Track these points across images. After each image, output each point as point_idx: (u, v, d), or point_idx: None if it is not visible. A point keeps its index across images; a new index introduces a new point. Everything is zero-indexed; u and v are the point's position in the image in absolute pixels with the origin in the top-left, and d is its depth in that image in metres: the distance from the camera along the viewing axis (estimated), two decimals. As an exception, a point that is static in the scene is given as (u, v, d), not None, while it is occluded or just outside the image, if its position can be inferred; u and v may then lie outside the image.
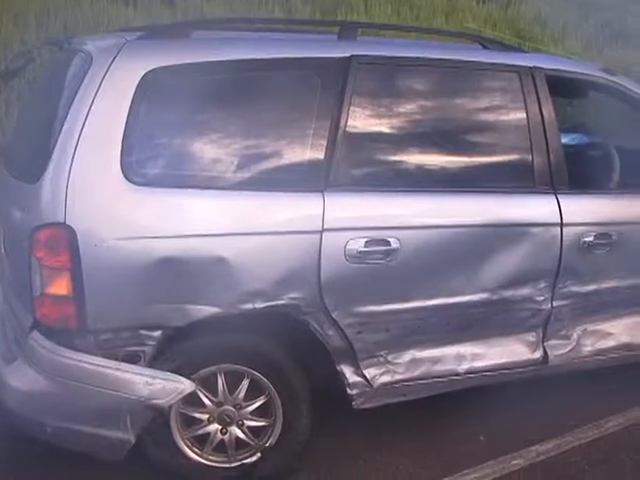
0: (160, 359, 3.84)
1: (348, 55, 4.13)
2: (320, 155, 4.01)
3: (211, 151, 3.91)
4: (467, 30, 4.87)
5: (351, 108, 4.09)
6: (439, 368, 4.45)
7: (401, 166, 4.31)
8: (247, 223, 3.87)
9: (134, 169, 3.71)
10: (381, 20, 7.15)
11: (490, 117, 4.60)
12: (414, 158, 4.36)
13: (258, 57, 4.03)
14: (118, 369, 3.72)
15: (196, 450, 4.09)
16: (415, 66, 4.40)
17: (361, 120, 4.15)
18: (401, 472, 4.30)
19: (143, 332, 3.76)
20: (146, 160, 3.79)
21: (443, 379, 4.47)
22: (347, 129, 4.07)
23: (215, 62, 3.93)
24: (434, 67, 4.45)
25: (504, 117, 4.61)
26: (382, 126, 4.25)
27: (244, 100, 4.00)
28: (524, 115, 4.56)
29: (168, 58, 3.85)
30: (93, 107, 3.67)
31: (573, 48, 23.80)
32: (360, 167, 4.18)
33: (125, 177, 3.68)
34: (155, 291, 3.75)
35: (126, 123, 3.70)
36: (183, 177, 3.84)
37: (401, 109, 4.31)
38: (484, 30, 18.06)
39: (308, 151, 4.01)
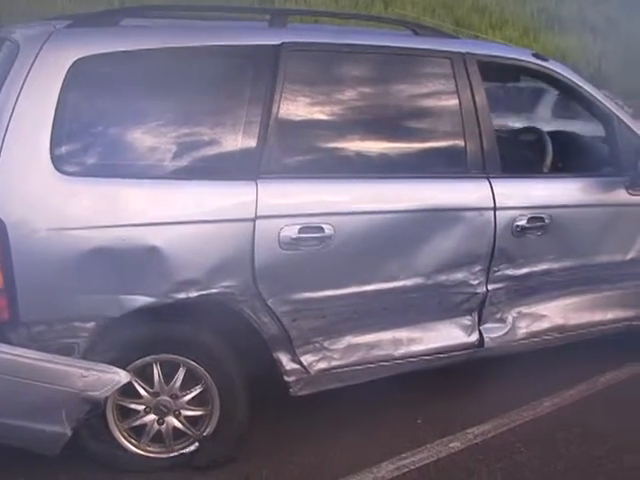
0: (95, 350, 3.81)
1: (279, 42, 4.13)
2: (252, 143, 4.01)
3: (143, 140, 3.90)
4: (404, 18, 4.84)
5: (283, 95, 4.09)
6: (376, 353, 4.46)
7: (334, 153, 4.33)
8: (180, 212, 3.85)
9: (64, 159, 3.68)
10: (320, 8, 7.14)
11: (423, 103, 4.64)
12: (347, 145, 4.37)
13: (188, 45, 4.00)
14: (52, 362, 3.67)
15: (133, 441, 4.08)
16: (346, 53, 4.41)
17: (293, 107, 4.15)
18: (339, 458, 4.31)
19: (77, 324, 3.73)
20: (77, 150, 3.77)
21: (380, 364, 4.49)
22: (279, 117, 4.07)
23: (145, 50, 3.90)
24: (365, 54, 4.47)
25: (437, 103, 4.64)
26: (315, 113, 4.26)
27: (175, 89, 3.99)
28: (456, 101, 4.59)
29: (97, 46, 3.82)
30: (21, 97, 3.62)
31: (510, 35, 24.10)
32: (293, 154, 4.19)
33: (55, 167, 3.64)
34: (88, 282, 3.71)
35: (55, 113, 3.66)
36: (115, 166, 3.82)
37: (333, 96, 4.32)
38: (423, 18, 18.20)
39: (240, 139, 4.01)
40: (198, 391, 4.10)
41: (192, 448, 4.15)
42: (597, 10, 28.53)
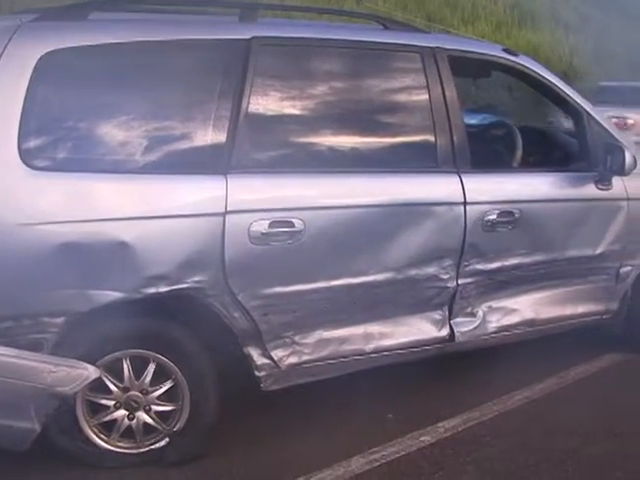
0: (64, 346, 3.78)
1: (249, 37, 4.12)
2: (222, 138, 4.00)
3: (112, 134, 3.88)
4: (376, 13, 4.85)
5: (253, 90, 4.08)
6: (347, 348, 4.47)
7: (305, 147, 4.34)
8: (150, 207, 3.84)
9: (33, 154, 3.66)
10: (292, 3, 7.13)
11: (393, 98, 4.65)
12: (318, 139, 4.38)
13: (157, 39, 3.99)
14: (20, 357, 3.65)
15: (103, 437, 4.05)
16: (317, 47, 4.42)
17: (263, 102, 4.15)
18: (310, 452, 4.30)
19: (46, 319, 3.69)
20: (45, 144, 3.74)
21: (351, 358, 4.50)
22: (249, 111, 4.06)
23: (113, 44, 3.88)
24: (336, 48, 4.48)
25: (407, 97, 4.65)
26: (285, 108, 4.26)
27: (144, 83, 3.97)
28: (426, 95, 4.60)
29: (65, 40, 3.79)
30: None
31: (483, 30, 24.15)
32: (263, 149, 4.18)
33: (24, 162, 3.61)
34: (57, 277, 3.69)
35: (23, 108, 3.63)
36: (84, 161, 3.79)
37: (304, 90, 4.32)
38: (395, 13, 18.21)
39: (210, 134, 4.00)
40: (168, 386, 4.08)
41: (162, 443, 4.13)
42: (569, 6, 28.69)
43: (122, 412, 4.05)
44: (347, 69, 4.51)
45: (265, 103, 4.15)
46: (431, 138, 4.58)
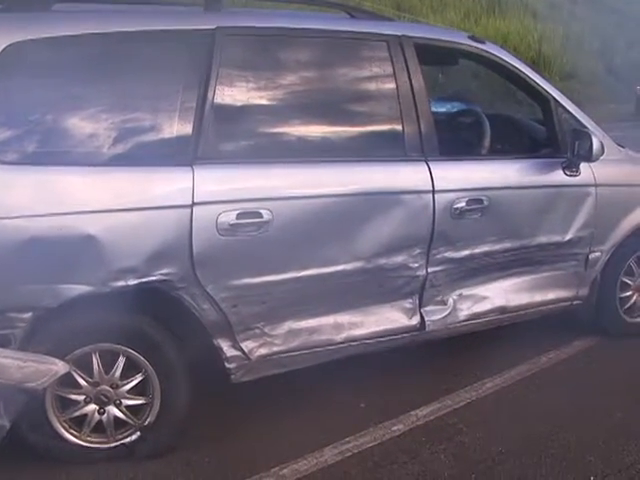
0: (32, 341, 3.76)
1: (214, 27, 4.09)
2: (188, 129, 3.97)
3: (79, 127, 3.83)
4: (340, 2, 4.83)
5: (219, 80, 4.05)
6: (317, 338, 4.46)
7: (272, 137, 4.32)
8: (117, 199, 3.80)
9: (0, 147, 3.61)
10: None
11: (360, 86, 4.63)
12: (285, 129, 4.36)
13: (122, 30, 3.94)
14: (-12, 353, 3.63)
15: (74, 432, 4.03)
16: (282, 36, 4.39)
17: (229, 92, 4.11)
18: (283, 444, 4.30)
19: (13, 314, 3.67)
20: (12, 138, 3.69)
21: (322, 349, 4.49)
22: (215, 102, 4.03)
23: (79, 35, 3.84)
24: (301, 37, 4.46)
25: (374, 86, 4.62)
26: (251, 98, 4.23)
27: (109, 75, 3.92)
28: (393, 84, 4.59)
29: (29, 32, 3.74)
30: None
31: (452, 18, 24.22)
32: (230, 140, 4.16)
33: None
34: (24, 272, 3.65)
35: None
36: (51, 154, 3.76)
37: (270, 80, 4.29)
38: (363, 2, 18.20)
39: (177, 125, 3.97)
40: (138, 380, 4.07)
41: (134, 437, 4.12)
42: (538, -7, 28.79)
43: (92, 407, 4.03)
44: (313, 58, 4.49)
45: (231, 93, 4.12)
46: (398, 126, 4.57)
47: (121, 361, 4.01)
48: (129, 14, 4.23)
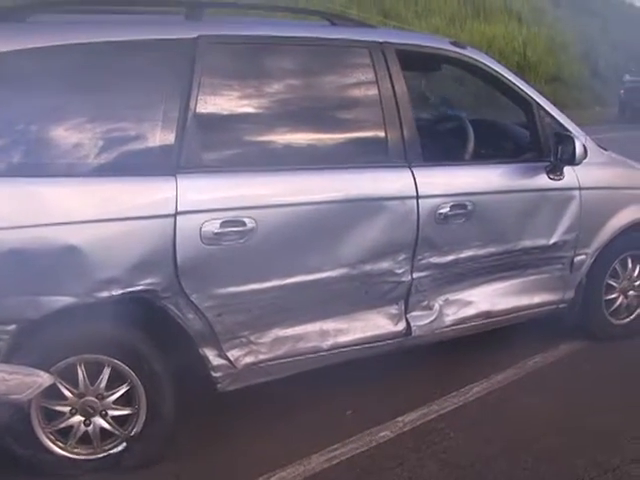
0: (17, 353, 3.74)
1: (195, 35, 4.09)
2: (171, 138, 3.96)
3: (60, 138, 3.81)
4: (328, 10, 4.86)
5: (201, 89, 4.04)
6: (303, 345, 4.46)
7: (255, 146, 4.31)
8: (100, 210, 3.79)
9: None
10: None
11: (342, 93, 4.63)
12: (268, 137, 4.35)
13: (101, 40, 3.93)
14: (-28, 366, 3.61)
15: (60, 444, 4.00)
16: (265, 45, 4.39)
17: (212, 101, 4.11)
18: (270, 452, 4.28)
19: None
20: None
21: (308, 356, 4.48)
22: (198, 111, 4.03)
23: (57, 46, 3.82)
24: (283, 45, 4.46)
25: (356, 93, 4.63)
26: (234, 106, 4.23)
27: (90, 85, 3.90)
28: (376, 90, 4.59)
29: (5, 43, 3.72)
30: None
31: (437, 24, 24.28)
32: (213, 148, 4.15)
33: None
34: (7, 283, 3.63)
35: None
36: (32, 166, 3.73)
37: (252, 88, 4.28)
38: (349, 10, 18.23)
39: (159, 135, 3.95)
40: (124, 390, 4.05)
41: (120, 448, 4.10)
42: (522, -2, 28.96)
43: (78, 418, 4.00)
44: (296, 66, 4.49)
45: (213, 102, 4.11)
46: (381, 133, 4.57)
47: (106, 372, 3.99)
48: (108, 24, 4.21)
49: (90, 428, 4.03)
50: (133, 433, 4.09)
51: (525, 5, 29.46)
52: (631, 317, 6.02)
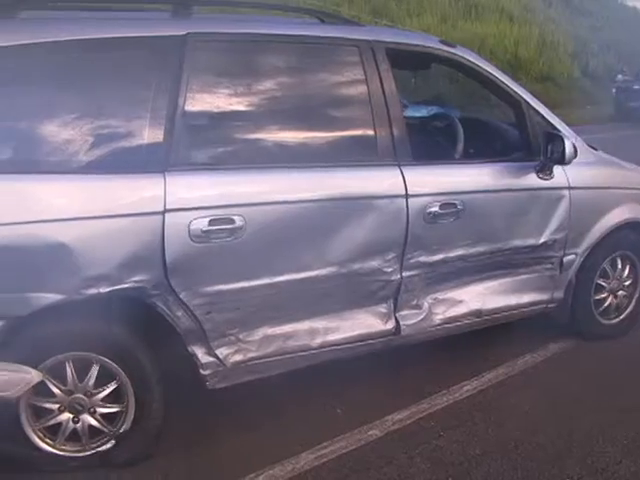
0: (5, 350, 3.73)
1: (184, 33, 4.08)
2: (160, 136, 3.95)
3: (49, 135, 3.80)
4: (320, 8, 4.85)
5: (189, 87, 4.03)
6: (292, 344, 4.45)
7: (244, 143, 4.30)
8: (88, 207, 3.78)
9: None
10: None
11: (332, 91, 4.62)
12: (257, 135, 4.33)
13: (90, 37, 3.91)
14: (-40, 364, 3.61)
15: (48, 441, 4.01)
16: (254, 42, 4.38)
17: (200, 99, 4.10)
18: (259, 450, 4.29)
19: None
20: None
21: (297, 354, 4.48)
22: (186, 109, 4.01)
23: (47, 43, 3.80)
24: (273, 43, 4.45)
25: (346, 91, 4.62)
26: (223, 104, 4.21)
27: (79, 82, 3.89)
28: (365, 89, 4.58)
29: None
30: None
31: (429, 23, 24.30)
32: (201, 146, 4.14)
33: None
34: None
35: None
36: (21, 162, 3.73)
37: (241, 86, 4.26)
38: (341, 7, 18.23)
39: (148, 132, 3.94)
40: (112, 388, 4.05)
41: (109, 446, 4.10)
42: (513, -3, 29.03)
43: (67, 415, 4.01)
44: (285, 64, 4.47)
45: (202, 100, 4.11)
46: (371, 131, 4.56)
47: (95, 369, 3.99)
48: (97, 21, 4.19)
49: (79, 425, 4.04)
50: (122, 430, 4.09)
51: (517, 4, 29.52)
52: (620, 317, 6.03)
